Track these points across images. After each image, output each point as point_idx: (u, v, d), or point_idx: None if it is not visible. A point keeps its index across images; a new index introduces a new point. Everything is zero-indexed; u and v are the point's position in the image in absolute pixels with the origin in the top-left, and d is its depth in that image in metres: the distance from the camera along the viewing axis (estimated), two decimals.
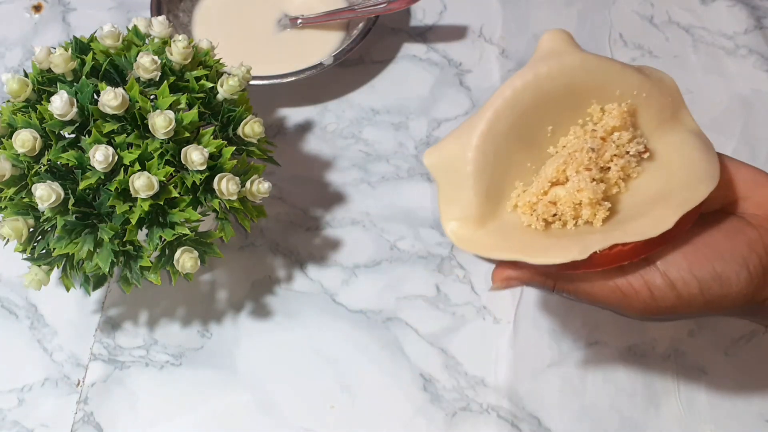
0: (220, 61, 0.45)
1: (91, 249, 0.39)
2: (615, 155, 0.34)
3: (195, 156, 0.38)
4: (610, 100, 0.34)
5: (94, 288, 0.42)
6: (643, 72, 0.35)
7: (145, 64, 0.40)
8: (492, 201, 0.34)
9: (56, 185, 0.37)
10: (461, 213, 0.34)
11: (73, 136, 0.40)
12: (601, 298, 0.34)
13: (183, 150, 0.39)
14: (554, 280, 0.34)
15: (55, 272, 0.41)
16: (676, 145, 0.34)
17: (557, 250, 0.32)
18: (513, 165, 0.34)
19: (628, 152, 0.34)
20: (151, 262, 0.40)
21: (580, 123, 0.35)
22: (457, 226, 0.34)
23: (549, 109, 0.34)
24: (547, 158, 0.35)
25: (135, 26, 0.44)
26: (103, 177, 0.38)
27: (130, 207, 0.38)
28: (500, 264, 0.34)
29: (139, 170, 0.38)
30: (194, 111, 0.40)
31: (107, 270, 0.39)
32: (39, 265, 0.40)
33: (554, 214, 0.33)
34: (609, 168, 0.34)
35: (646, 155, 0.34)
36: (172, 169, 0.39)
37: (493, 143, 0.34)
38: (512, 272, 0.34)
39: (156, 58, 0.41)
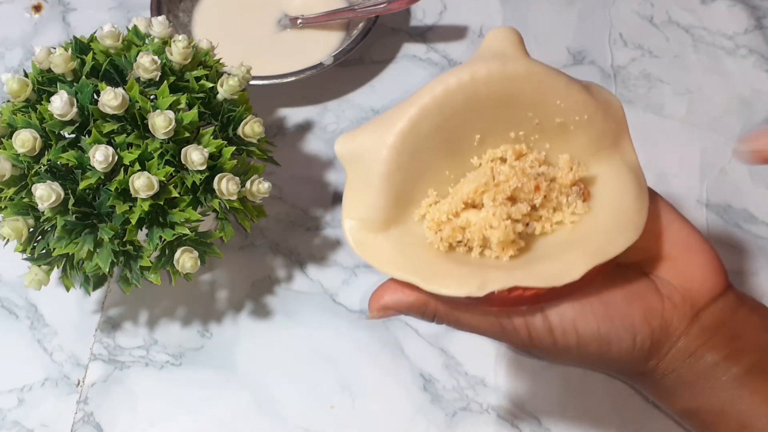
0: (220, 61, 0.45)
1: (91, 249, 0.39)
2: (546, 197, 0.31)
3: (195, 156, 0.38)
4: (549, 113, 0.31)
5: (94, 288, 0.42)
6: (590, 91, 0.32)
7: (145, 64, 0.40)
8: (400, 205, 0.31)
9: (56, 185, 0.37)
10: (364, 213, 0.31)
11: (73, 136, 0.40)
12: (480, 330, 0.32)
13: (183, 150, 0.39)
14: (435, 307, 0.31)
15: (55, 272, 0.41)
16: (608, 179, 0.32)
17: (454, 281, 0.29)
18: (430, 170, 0.31)
19: (567, 197, 0.31)
20: (151, 262, 0.40)
21: (512, 137, 0.32)
22: (357, 227, 0.31)
23: (480, 115, 0.31)
24: (468, 169, 0.32)
25: (135, 26, 0.44)
26: (103, 177, 0.38)
27: (130, 207, 0.38)
28: (382, 285, 0.31)
29: (139, 170, 0.38)
30: (194, 111, 0.40)
31: (107, 270, 0.39)
32: (39, 265, 0.40)
33: (460, 241, 0.31)
34: (535, 207, 0.31)
35: (584, 202, 0.31)
36: (172, 169, 0.39)
37: (412, 144, 0.31)
38: (390, 301, 0.31)
39: (156, 58, 0.41)
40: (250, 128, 0.42)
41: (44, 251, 0.40)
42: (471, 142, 0.32)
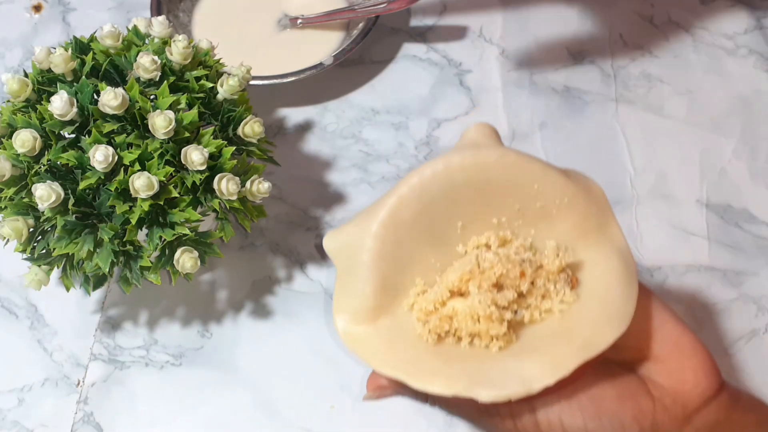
0: (220, 61, 0.45)
1: (91, 249, 0.39)
2: (533, 284, 0.31)
3: (195, 156, 0.38)
4: (528, 198, 0.32)
5: (94, 288, 0.42)
6: (568, 176, 0.32)
7: (145, 64, 0.40)
8: (388, 294, 0.31)
9: (56, 185, 0.37)
10: (354, 304, 0.31)
11: (73, 136, 0.40)
12: (468, 417, 0.32)
13: (183, 150, 0.39)
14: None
15: (55, 272, 0.41)
16: (596, 265, 0.32)
17: (441, 379, 0.29)
18: (416, 259, 0.32)
19: (555, 284, 0.31)
20: (151, 262, 0.40)
21: (495, 223, 0.32)
22: (347, 322, 0.31)
23: (460, 202, 0.32)
24: (455, 257, 0.32)
25: (135, 26, 0.44)
26: (103, 177, 0.38)
27: (130, 207, 0.38)
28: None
29: (139, 170, 0.38)
30: (194, 111, 0.40)
31: (107, 270, 0.39)
32: (39, 265, 0.40)
33: (448, 330, 0.31)
34: (522, 294, 0.31)
35: (572, 290, 0.31)
36: (172, 169, 0.39)
37: (395, 233, 0.31)
38: (386, 382, 0.32)
39: (156, 58, 0.41)
40: (250, 128, 0.42)
41: (44, 251, 0.40)
42: (454, 229, 0.32)
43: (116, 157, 0.38)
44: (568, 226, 0.32)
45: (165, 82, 0.41)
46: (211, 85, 0.42)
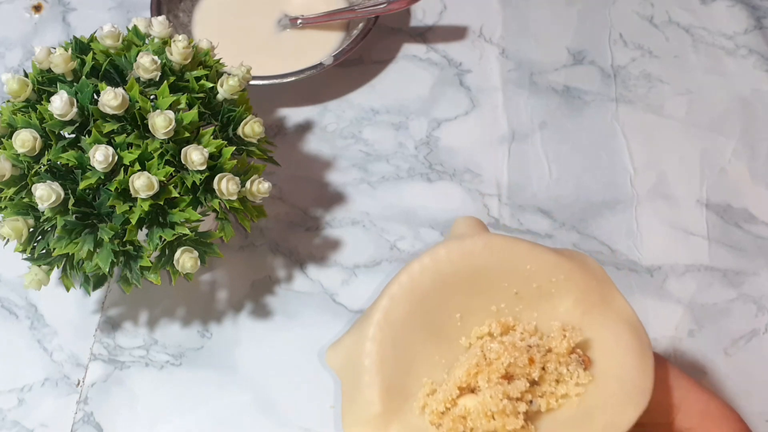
0: (220, 61, 0.45)
1: (91, 249, 0.39)
2: (544, 369, 0.30)
3: (195, 156, 0.38)
4: (523, 280, 0.31)
5: (94, 288, 0.42)
6: (559, 252, 0.32)
7: (145, 64, 0.40)
8: (395, 398, 0.30)
9: (56, 185, 0.37)
10: (363, 414, 0.30)
11: (73, 136, 0.40)
12: None
13: (183, 150, 0.39)
14: None
15: (55, 272, 0.41)
16: (606, 340, 0.30)
17: None
18: (419, 358, 0.30)
19: (567, 366, 0.30)
20: (151, 262, 0.40)
21: (494, 310, 0.31)
22: None
23: (454, 293, 0.31)
24: (459, 351, 0.31)
25: (135, 26, 0.44)
26: (103, 177, 0.38)
27: (130, 207, 0.38)
28: None
29: (139, 170, 0.38)
30: (194, 111, 0.40)
31: (107, 270, 0.39)
32: (39, 265, 0.40)
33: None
34: (535, 381, 0.30)
35: (585, 371, 0.30)
36: (172, 169, 0.39)
37: (392, 333, 0.30)
38: None
39: (156, 58, 0.41)
40: (250, 128, 0.42)
41: (44, 251, 0.40)
42: (454, 321, 0.31)
43: (116, 157, 0.38)
44: (569, 304, 0.31)
45: (165, 82, 0.41)
46: (211, 85, 0.42)
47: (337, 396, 0.46)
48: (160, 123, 0.38)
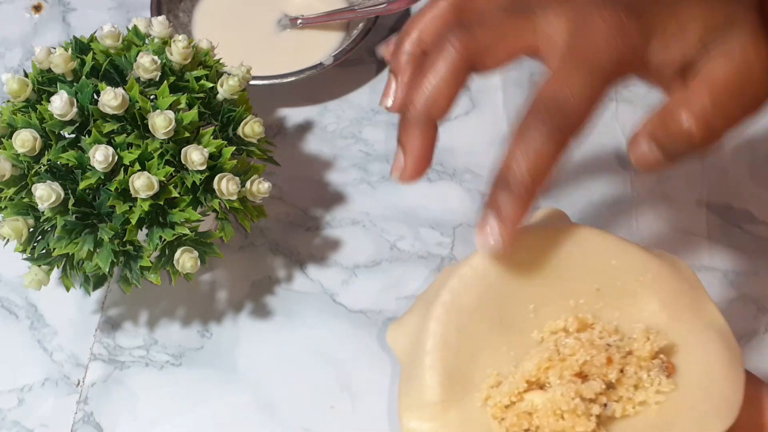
0: (220, 61, 0.45)
1: (91, 249, 0.39)
2: (622, 372, 0.28)
3: (195, 156, 0.38)
4: (607, 276, 0.29)
5: (94, 288, 0.42)
6: (650, 252, 0.30)
7: (145, 64, 0.40)
8: (456, 386, 0.28)
9: (56, 185, 0.37)
10: (420, 399, 0.28)
11: (73, 136, 0.40)
12: None
13: (183, 150, 0.39)
14: None
15: (55, 272, 0.41)
16: (693, 348, 0.28)
17: None
18: (484, 348, 0.28)
19: (648, 372, 0.27)
20: (151, 262, 0.40)
21: (572, 305, 0.29)
22: (415, 420, 0.27)
23: (530, 283, 0.29)
24: (531, 345, 0.29)
25: (135, 26, 0.44)
26: (103, 177, 0.38)
27: (130, 207, 0.38)
28: None
29: (139, 170, 0.38)
30: (194, 111, 0.40)
31: (107, 270, 0.39)
32: (39, 265, 0.40)
33: (527, 430, 0.27)
34: (612, 384, 0.27)
35: (668, 378, 0.28)
36: (172, 169, 0.39)
37: (458, 317, 0.28)
38: None
39: (156, 58, 0.41)
40: (250, 128, 0.42)
41: (44, 251, 0.40)
42: (526, 313, 0.29)
43: (116, 157, 0.38)
44: (655, 307, 0.29)
45: (165, 82, 0.41)
46: (211, 85, 0.42)
47: (338, 396, 0.46)
48: (160, 123, 0.38)
